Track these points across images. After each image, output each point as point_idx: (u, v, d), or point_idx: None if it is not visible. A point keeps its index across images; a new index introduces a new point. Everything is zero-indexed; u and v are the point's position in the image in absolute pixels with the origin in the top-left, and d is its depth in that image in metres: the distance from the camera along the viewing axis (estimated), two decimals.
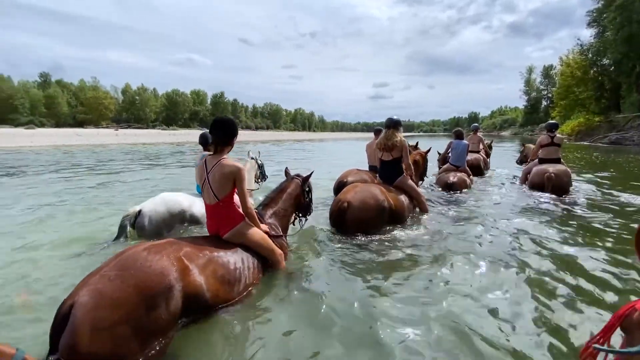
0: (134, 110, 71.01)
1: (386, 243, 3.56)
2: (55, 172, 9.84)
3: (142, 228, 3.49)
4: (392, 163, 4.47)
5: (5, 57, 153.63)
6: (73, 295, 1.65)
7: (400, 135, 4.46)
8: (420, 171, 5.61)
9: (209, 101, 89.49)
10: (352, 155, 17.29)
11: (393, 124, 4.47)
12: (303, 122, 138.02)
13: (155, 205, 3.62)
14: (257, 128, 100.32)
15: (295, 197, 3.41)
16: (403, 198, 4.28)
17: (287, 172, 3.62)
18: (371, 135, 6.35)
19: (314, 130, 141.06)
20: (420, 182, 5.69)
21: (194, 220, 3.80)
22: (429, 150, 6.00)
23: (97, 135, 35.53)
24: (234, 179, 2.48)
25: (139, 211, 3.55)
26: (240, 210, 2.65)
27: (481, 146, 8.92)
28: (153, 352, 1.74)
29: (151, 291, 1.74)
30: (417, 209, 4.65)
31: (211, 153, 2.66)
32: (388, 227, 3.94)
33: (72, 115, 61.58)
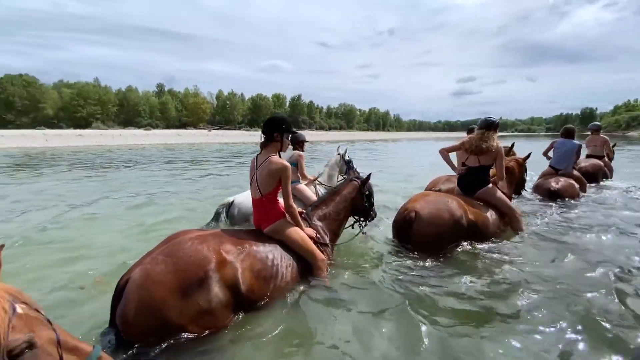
0: (224, 113, 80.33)
1: (456, 271, 2.90)
2: (164, 164, 12.59)
3: (232, 217, 4.03)
4: (479, 170, 3.83)
5: (135, 72, 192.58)
6: (129, 272, 1.92)
7: (497, 140, 3.82)
8: (517, 181, 4.51)
9: (287, 104, 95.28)
10: (426, 156, 16.35)
11: (489, 126, 3.82)
12: (377, 121, 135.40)
13: (244, 197, 4.08)
14: (330, 128, 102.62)
15: (352, 201, 3.24)
16: (489, 214, 3.65)
17: (349, 174, 3.47)
18: (455, 135, 5.76)
19: (389, 130, 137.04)
20: (515, 195, 4.69)
21: None
22: (528, 157, 4.61)
23: (193, 135, 41.45)
24: (280, 176, 2.53)
25: (232, 202, 4.10)
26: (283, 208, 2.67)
27: (605, 150, 7.20)
28: (190, 337, 1.88)
29: (190, 279, 1.90)
30: (509, 228, 3.89)
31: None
32: (464, 249, 3.35)
33: (178, 118, 73.03)
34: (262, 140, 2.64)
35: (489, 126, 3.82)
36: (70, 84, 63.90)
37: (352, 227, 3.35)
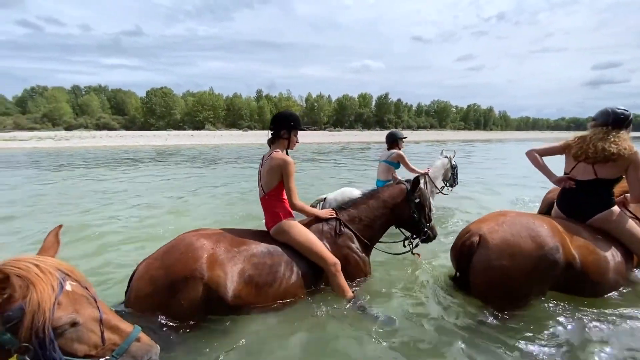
0: (312, 115, 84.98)
1: (544, 346, 2.02)
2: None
3: None
4: (595, 185, 2.58)
5: (244, 80, 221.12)
6: (142, 261, 2.12)
7: (628, 140, 2.54)
8: None
9: (373, 103, 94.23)
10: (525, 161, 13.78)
11: (618, 121, 2.56)
12: (476, 119, 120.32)
13: (335, 196, 4.25)
14: (419, 127, 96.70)
15: (394, 208, 2.74)
16: (609, 253, 2.46)
17: (394, 177, 3.15)
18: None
19: (491, 129, 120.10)
20: None
21: None
22: None
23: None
24: (281, 172, 2.40)
25: (324, 199, 4.28)
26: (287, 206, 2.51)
27: None
28: (176, 334, 1.94)
29: (176, 276, 1.96)
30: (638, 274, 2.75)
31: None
32: (558, 302, 2.39)
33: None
34: (269, 137, 2.56)
35: (619, 122, 2.54)
36: (193, 93, 78.46)
37: (404, 246, 2.87)
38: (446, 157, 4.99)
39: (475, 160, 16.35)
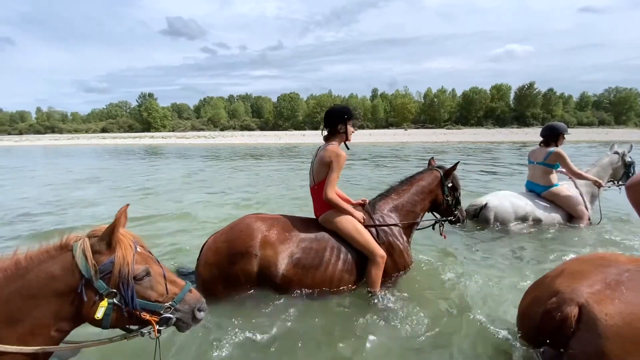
0: (430, 111, 78.50)
1: None
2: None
3: (486, 220, 3.97)
4: None
5: (365, 80, 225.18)
6: (211, 235, 2.52)
7: None
8: None
9: (512, 95, 78.60)
10: None
11: None
12: None
13: (501, 200, 3.97)
14: (581, 124, 74.22)
15: (430, 193, 2.88)
16: None
17: (430, 163, 3.08)
18: None
19: None
20: None
21: (536, 221, 4.00)
22: None
23: (383, 135, 44.10)
24: (331, 163, 2.46)
25: (485, 204, 3.98)
26: (328, 196, 2.51)
27: None
28: (233, 299, 2.29)
29: (236, 250, 2.29)
30: None
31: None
32: None
33: (385, 119, 79.48)
34: (325, 134, 2.62)
35: None
36: (315, 96, 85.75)
37: (433, 228, 2.98)
38: (616, 152, 4.31)
39: None
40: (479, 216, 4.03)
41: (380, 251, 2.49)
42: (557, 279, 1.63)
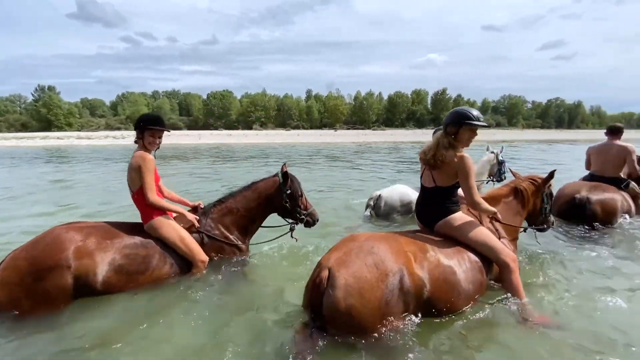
0: (360, 113, 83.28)
1: None
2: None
3: (379, 208, 4.58)
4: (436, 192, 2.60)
5: (307, 82, 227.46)
6: (10, 253, 2.35)
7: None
8: None
9: (429, 100, 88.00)
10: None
11: (448, 123, 2.51)
12: (559, 116, 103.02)
13: (390, 192, 4.55)
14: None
15: (267, 198, 3.10)
16: (453, 261, 2.42)
17: (282, 168, 3.09)
18: None
19: (578, 127, 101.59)
20: None
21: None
22: None
23: (319, 135, 45.56)
24: (139, 169, 2.60)
25: (379, 195, 4.61)
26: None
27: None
28: (45, 315, 2.26)
29: (41, 266, 2.25)
30: None
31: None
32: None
33: (320, 119, 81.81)
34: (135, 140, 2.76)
35: (452, 124, 2.48)
36: (248, 95, 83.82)
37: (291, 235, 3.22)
38: (492, 152, 4.95)
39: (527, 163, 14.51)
40: (375, 207, 4.58)
41: (201, 257, 2.72)
42: (326, 254, 2.22)
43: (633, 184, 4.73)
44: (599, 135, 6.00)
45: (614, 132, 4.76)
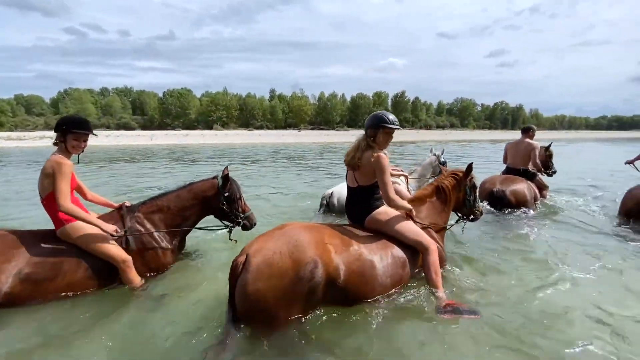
0: (324, 114, 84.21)
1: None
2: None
3: (333, 205, 4.58)
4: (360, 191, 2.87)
5: (271, 81, 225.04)
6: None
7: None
8: None
9: (389, 102, 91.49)
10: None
11: (369, 126, 2.72)
12: (504, 118, 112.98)
13: (341, 189, 4.51)
14: (438, 127, 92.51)
15: (204, 199, 3.10)
16: (376, 256, 2.63)
17: (224, 171, 3.10)
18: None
19: (520, 128, 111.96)
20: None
21: None
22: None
23: (282, 136, 45.25)
24: (52, 174, 2.49)
25: (331, 193, 4.64)
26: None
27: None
28: None
29: None
30: None
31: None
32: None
33: (284, 120, 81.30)
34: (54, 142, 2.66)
35: (371, 126, 2.70)
36: (209, 94, 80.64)
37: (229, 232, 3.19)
38: (435, 154, 5.22)
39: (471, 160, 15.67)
40: (329, 204, 4.65)
41: (122, 256, 2.63)
42: (252, 240, 2.24)
43: (539, 176, 5.73)
44: (541, 136, 7.06)
45: (525, 131, 5.72)
